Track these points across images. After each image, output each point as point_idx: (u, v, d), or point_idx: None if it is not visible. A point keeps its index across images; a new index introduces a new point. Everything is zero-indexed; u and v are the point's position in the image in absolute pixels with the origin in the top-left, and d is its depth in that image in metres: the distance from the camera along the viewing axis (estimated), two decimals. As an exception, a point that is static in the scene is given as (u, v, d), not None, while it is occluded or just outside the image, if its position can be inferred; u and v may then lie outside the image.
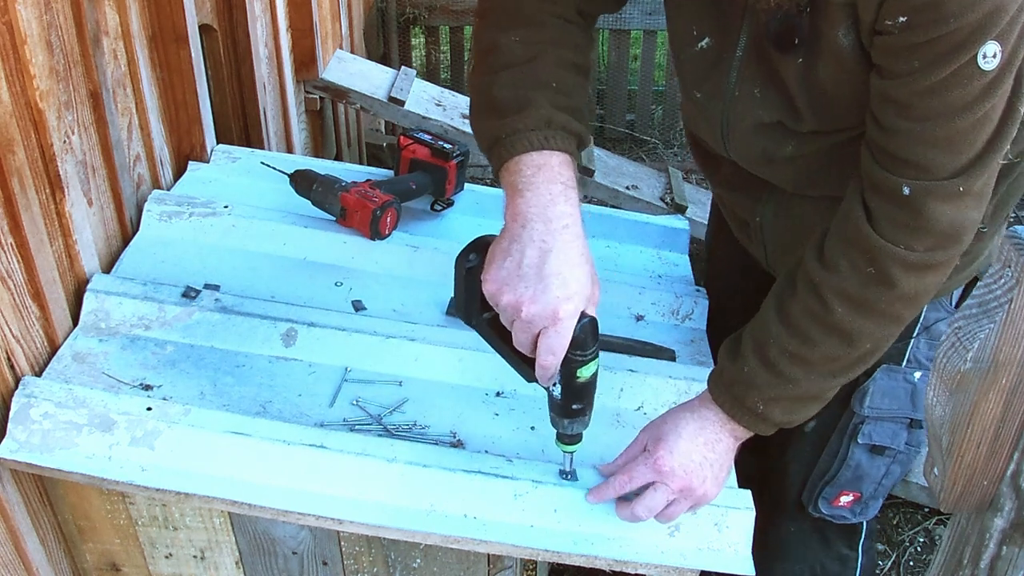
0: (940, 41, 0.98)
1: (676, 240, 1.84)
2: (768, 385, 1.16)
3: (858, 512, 1.47)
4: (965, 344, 0.72)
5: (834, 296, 1.12)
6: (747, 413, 1.18)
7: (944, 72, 1.00)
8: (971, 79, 1.00)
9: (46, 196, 1.33)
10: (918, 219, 1.06)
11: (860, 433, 1.39)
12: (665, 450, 1.16)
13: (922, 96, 1.02)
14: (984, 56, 0.98)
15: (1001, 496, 0.73)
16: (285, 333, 1.43)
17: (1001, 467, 0.72)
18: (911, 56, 1.01)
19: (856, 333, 1.12)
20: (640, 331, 1.58)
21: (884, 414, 1.38)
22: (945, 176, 1.05)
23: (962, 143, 1.04)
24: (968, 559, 0.77)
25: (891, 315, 1.13)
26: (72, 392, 1.25)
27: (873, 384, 1.36)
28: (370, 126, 3.79)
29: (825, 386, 1.18)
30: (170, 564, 1.41)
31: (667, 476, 1.16)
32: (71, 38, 1.37)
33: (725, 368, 1.20)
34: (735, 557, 1.22)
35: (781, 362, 1.15)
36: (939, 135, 1.03)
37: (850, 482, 1.43)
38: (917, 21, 0.99)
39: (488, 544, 1.20)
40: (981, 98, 1.01)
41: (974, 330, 0.72)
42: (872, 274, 1.10)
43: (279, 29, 2.48)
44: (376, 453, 1.23)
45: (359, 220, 1.65)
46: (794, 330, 1.14)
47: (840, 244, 1.12)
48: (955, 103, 1.01)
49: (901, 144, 1.06)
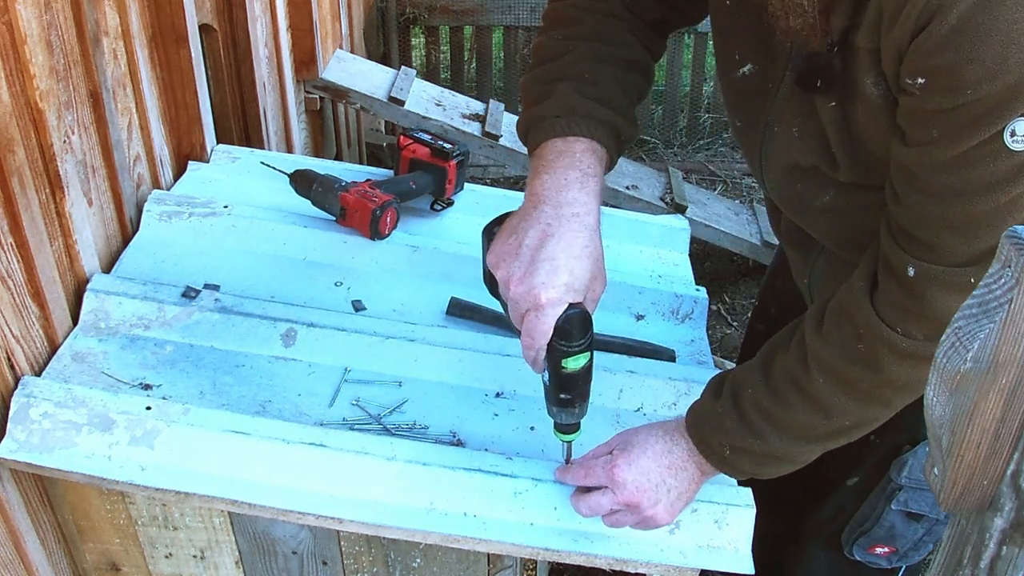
0: (959, 111, 0.91)
1: (676, 240, 1.84)
2: (735, 432, 1.11)
3: (895, 561, 1.43)
4: (965, 344, 0.72)
5: (817, 365, 1.06)
6: (713, 455, 1.14)
7: (964, 146, 0.92)
8: (996, 158, 0.91)
9: (46, 196, 1.33)
10: (918, 305, 0.99)
11: (896, 500, 1.34)
12: (624, 461, 1.14)
13: (939, 170, 0.94)
14: (1013, 134, 0.89)
15: (1001, 496, 0.73)
16: (285, 333, 1.43)
17: (1001, 467, 0.72)
18: (930, 123, 0.94)
19: (834, 408, 1.07)
20: (640, 331, 1.59)
21: (923, 486, 1.32)
22: (956, 263, 0.97)
23: (980, 229, 0.95)
24: (968, 559, 0.77)
25: (876, 398, 1.06)
26: (72, 392, 1.25)
27: (913, 457, 1.31)
28: (370, 126, 3.79)
29: (795, 450, 1.12)
30: (170, 564, 1.41)
31: (618, 486, 1.13)
32: (71, 38, 1.37)
33: (704, 401, 1.17)
34: (735, 555, 1.22)
35: (752, 414, 1.10)
36: (954, 216, 0.95)
37: (884, 539, 1.39)
38: (934, 85, 0.92)
39: (488, 543, 1.20)
40: (1007, 181, 0.92)
41: (974, 330, 0.72)
42: (860, 352, 1.03)
43: (279, 29, 2.48)
44: (376, 451, 1.23)
45: (359, 220, 1.65)
46: (772, 388, 1.10)
47: (837, 312, 1.06)
48: (976, 183, 0.93)
49: (913, 219, 0.99)
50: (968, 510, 0.77)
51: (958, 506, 0.76)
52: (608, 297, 1.63)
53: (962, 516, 0.79)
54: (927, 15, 0.89)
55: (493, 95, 4.17)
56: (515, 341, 1.49)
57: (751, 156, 1.26)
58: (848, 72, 1.03)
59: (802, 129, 1.13)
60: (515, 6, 4.06)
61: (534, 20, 4.11)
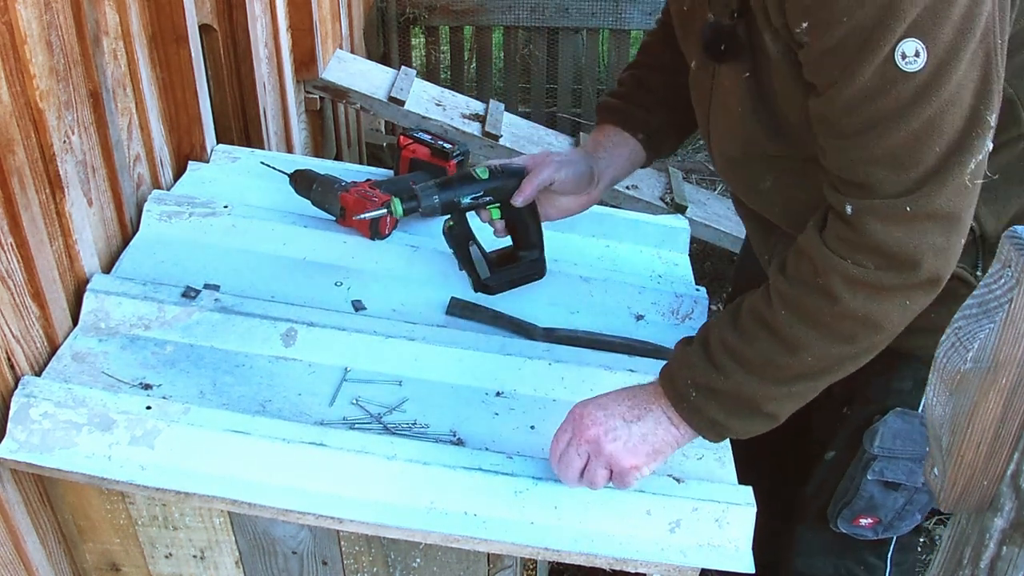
0: (845, 43, 0.94)
1: (676, 240, 1.84)
2: (699, 368, 1.13)
3: (880, 532, 1.44)
4: (965, 344, 0.72)
5: (779, 298, 1.09)
6: (679, 398, 1.14)
7: (861, 78, 0.95)
8: (894, 83, 0.94)
9: (46, 196, 1.33)
10: (861, 237, 1.02)
11: (871, 470, 1.36)
12: (583, 401, 1.19)
13: (850, 110, 0.98)
14: (904, 56, 0.92)
15: (1001, 496, 0.73)
16: (285, 333, 1.43)
17: (1001, 467, 0.72)
18: (827, 65, 0.97)
19: (796, 340, 1.08)
20: (640, 331, 1.58)
21: (897, 454, 1.34)
22: (889, 195, 0.99)
23: (904, 159, 0.97)
24: (968, 559, 0.77)
25: (837, 331, 1.07)
26: (72, 392, 1.25)
27: (884, 426, 1.33)
28: (370, 126, 3.79)
29: (760, 391, 1.11)
30: (170, 564, 1.41)
31: (575, 422, 1.17)
32: (71, 38, 1.37)
33: (675, 348, 1.21)
34: (736, 554, 1.22)
35: (718, 351, 1.12)
36: (874, 150, 0.98)
37: (865, 509, 1.41)
38: (815, 23, 0.95)
39: (488, 543, 1.20)
40: (913, 105, 0.94)
41: (974, 330, 0.72)
42: (818, 284, 1.06)
43: (279, 29, 2.48)
44: (376, 451, 1.23)
45: (359, 220, 1.65)
46: (738, 324, 1.13)
47: (795, 251, 1.10)
48: (884, 113, 0.96)
49: (841, 164, 1.03)
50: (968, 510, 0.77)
51: (958, 506, 0.76)
52: (608, 297, 1.64)
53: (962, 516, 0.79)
54: None
55: (493, 95, 4.17)
56: (515, 341, 1.49)
57: (707, 148, 1.34)
58: (753, 38, 1.09)
59: (731, 115, 1.20)
60: (515, 6, 4.06)
61: (534, 20, 4.11)
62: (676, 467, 1.30)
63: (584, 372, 1.43)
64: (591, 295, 1.64)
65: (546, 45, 4.22)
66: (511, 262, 1.57)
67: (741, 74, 1.14)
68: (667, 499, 1.23)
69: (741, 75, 1.14)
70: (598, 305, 1.63)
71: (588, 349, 1.49)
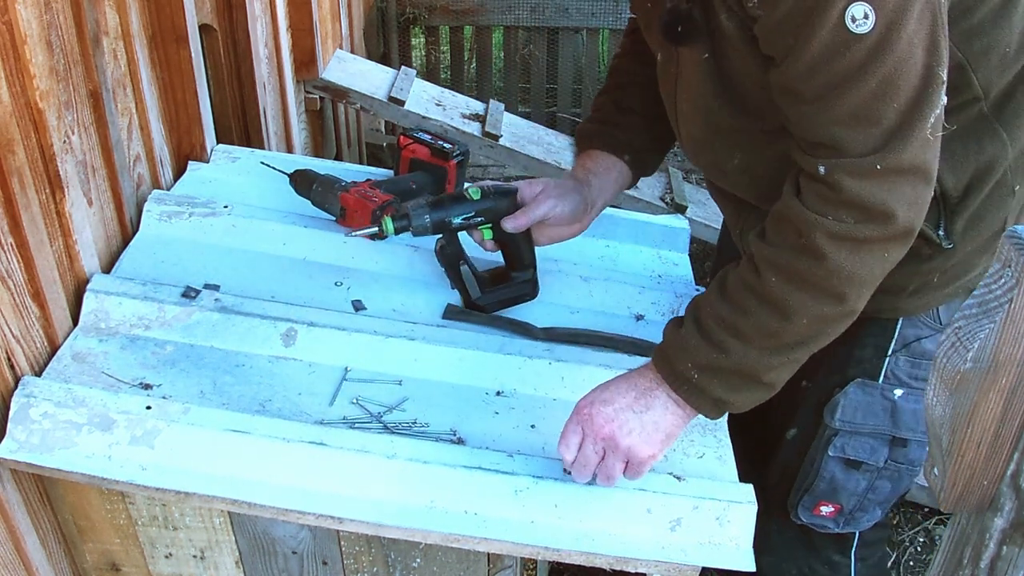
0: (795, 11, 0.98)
1: (676, 240, 1.84)
2: (699, 349, 1.14)
3: (842, 523, 1.45)
4: (965, 344, 0.72)
5: (767, 265, 1.11)
6: (681, 381, 1.16)
7: (815, 43, 0.99)
8: (847, 47, 0.98)
9: (46, 196, 1.33)
10: (837, 194, 1.05)
11: (832, 445, 1.37)
12: (588, 397, 1.19)
13: (807, 75, 1.02)
14: (853, 19, 0.96)
15: (1001, 496, 0.73)
16: (285, 333, 1.43)
17: (1001, 467, 0.72)
18: (781, 34, 1.02)
19: (789, 305, 1.10)
20: (640, 331, 1.58)
21: (859, 429, 1.36)
22: (858, 153, 1.03)
23: (866, 118, 1.02)
24: (968, 559, 0.77)
25: (827, 290, 1.09)
26: (72, 392, 1.25)
27: (844, 398, 1.34)
28: (370, 126, 3.79)
29: (762, 362, 1.13)
30: (170, 564, 1.41)
31: (586, 421, 1.17)
32: (71, 38, 1.37)
33: (666, 332, 1.21)
34: (736, 552, 1.22)
35: (713, 327, 1.14)
36: (838, 113, 1.02)
37: (826, 493, 1.41)
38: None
39: (488, 542, 1.20)
40: (867, 65, 0.99)
41: (974, 330, 0.72)
42: (803, 245, 1.08)
43: (279, 29, 2.48)
44: (376, 450, 1.23)
45: (359, 220, 1.64)
46: (729, 298, 1.14)
47: (774, 219, 1.12)
48: (840, 75, 1.00)
49: (807, 128, 1.06)
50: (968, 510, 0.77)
51: (958, 506, 0.76)
52: (608, 297, 1.64)
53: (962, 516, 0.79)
54: None
55: (493, 95, 4.17)
56: (515, 340, 1.49)
57: (677, 137, 1.37)
58: (709, 18, 1.12)
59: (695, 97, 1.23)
60: (515, 6, 4.06)
61: (534, 20, 4.11)
62: (677, 465, 1.30)
63: (584, 371, 1.43)
64: (591, 295, 1.64)
65: (546, 45, 4.22)
66: (503, 281, 1.56)
67: (701, 55, 1.16)
68: (668, 497, 1.23)
69: (701, 56, 1.16)
70: (598, 305, 1.63)
71: (587, 347, 1.49)
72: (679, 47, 1.20)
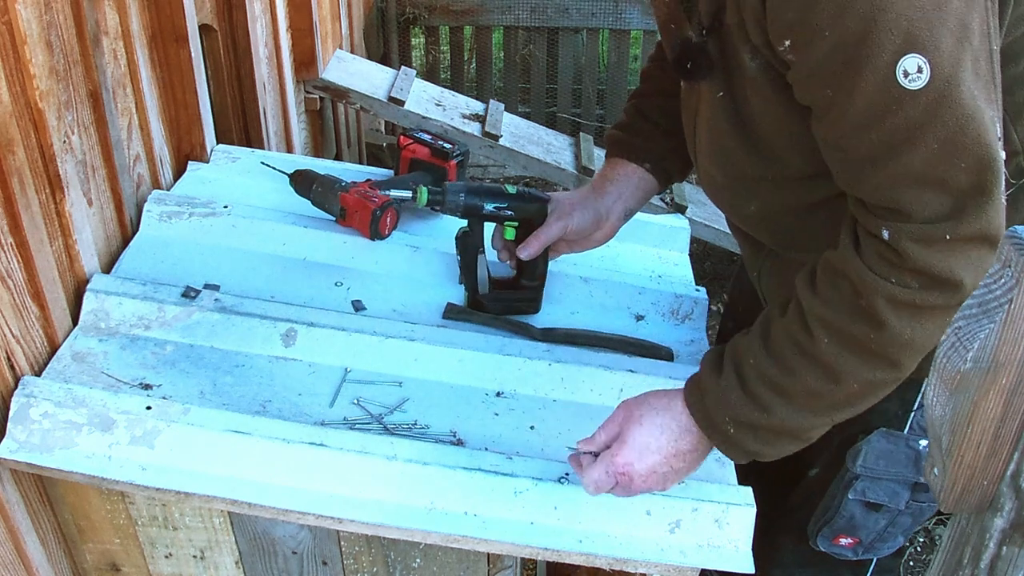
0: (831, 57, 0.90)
1: (676, 240, 1.84)
2: (740, 406, 1.08)
3: (860, 552, 1.42)
4: (965, 344, 0.72)
5: (819, 325, 1.03)
6: (717, 433, 1.11)
7: (860, 97, 0.91)
8: (900, 104, 0.89)
9: (46, 196, 1.33)
10: (902, 259, 0.97)
11: (853, 489, 1.33)
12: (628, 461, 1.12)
13: (855, 133, 0.94)
14: (906, 74, 0.88)
15: (1001, 496, 0.73)
16: (285, 333, 1.43)
17: (1001, 467, 0.72)
18: (818, 84, 0.94)
19: (840, 369, 1.03)
20: (640, 331, 1.59)
21: (880, 475, 1.32)
22: (926, 219, 0.94)
23: (930, 181, 0.93)
24: (968, 559, 0.77)
25: (883, 357, 1.02)
26: (72, 392, 1.25)
27: (868, 445, 1.30)
28: (370, 126, 3.79)
29: (804, 423, 1.08)
30: (170, 564, 1.41)
31: (627, 482, 1.13)
32: (71, 38, 1.37)
33: (705, 376, 1.13)
34: (735, 554, 1.22)
35: (757, 386, 1.07)
36: (897, 174, 0.93)
37: (845, 529, 1.38)
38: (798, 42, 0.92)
39: (488, 543, 1.20)
40: (926, 125, 0.90)
41: (974, 330, 0.72)
42: (862, 308, 1.00)
43: (279, 29, 2.48)
44: (376, 451, 1.23)
45: (359, 220, 1.65)
46: (776, 356, 1.06)
47: (830, 271, 1.04)
48: (896, 133, 0.91)
49: (864, 189, 0.98)
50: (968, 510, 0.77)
51: (958, 506, 0.76)
52: (608, 297, 1.64)
53: (962, 516, 0.79)
54: None
55: (493, 95, 4.17)
56: (515, 341, 1.49)
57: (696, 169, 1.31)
58: (727, 54, 1.05)
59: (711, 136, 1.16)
60: (515, 6, 4.06)
61: (534, 20, 4.11)
62: (676, 467, 1.30)
63: (584, 372, 1.43)
64: (591, 295, 1.64)
65: (546, 45, 4.22)
66: (510, 288, 1.56)
67: (715, 93, 1.10)
68: (667, 499, 1.23)
69: (715, 94, 1.10)
70: (598, 305, 1.63)
71: (587, 348, 1.49)
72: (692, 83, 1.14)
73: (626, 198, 1.45)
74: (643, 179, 1.45)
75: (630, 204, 1.46)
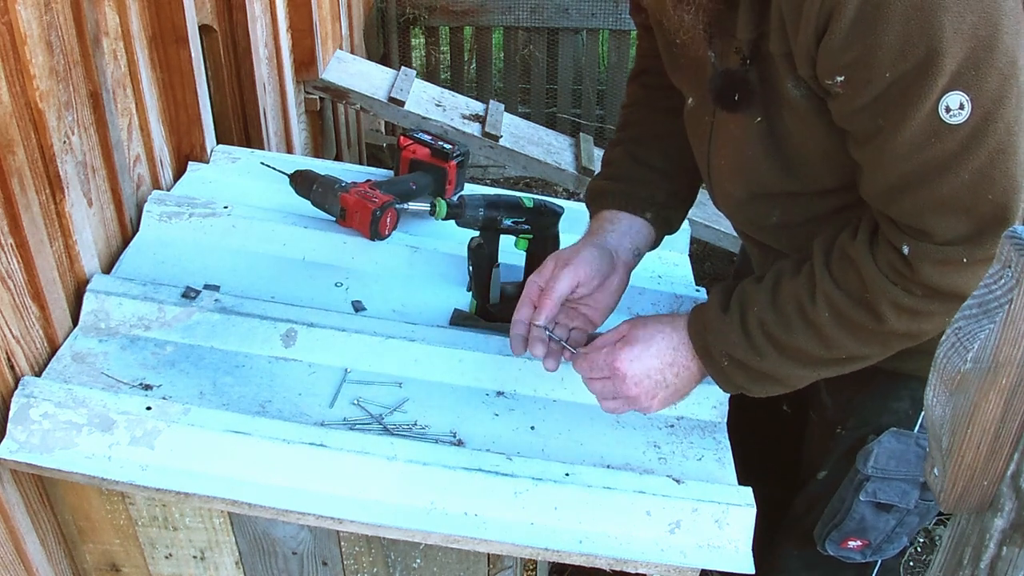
0: (887, 95, 0.93)
1: (676, 240, 1.83)
2: (738, 346, 1.15)
3: (868, 555, 1.43)
4: (965, 344, 0.72)
5: (824, 299, 1.09)
6: (711, 363, 1.19)
7: (906, 130, 0.94)
8: (940, 137, 0.93)
9: (46, 196, 1.33)
10: (914, 274, 1.02)
11: (864, 490, 1.34)
12: (627, 356, 1.19)
13: (897, 160, 0.97)
14: (948, 109, 0.91)
15: (1001, 496, 0.73)
16: (285, 333, 1.43)
17: (1001, 467, 0.72)
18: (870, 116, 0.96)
19: (834, 341, 1.10)
20: (640, 331, 1.58)
21: (891, 475, 1.33)
22: (945, 241, 0.99)
23: (956, 207, 0.96)
24: (968, 559, 0.77)
25: (876, 341, 1.09)
26: (72, 392, 1.25)
27: (879, 446, 1.31)
28: (370, 126, 3.79)
29: (790, 372, 1.16)
30: (170, 564, 1.41)
31: (618, 379, 1.19)
32: (71, 38, 1.37)
33: (710, 309, 1.19)
34: (736, 554, 1.22)
35: (756, 332, 1.14)
36: (927, 200, 0.97)
37: (855, 531, 1.39)
38: (854, 80, 0.94)
39: (488, 543, 1.20)
40: (960, 157, 0.93)
41: (974, 330, 0.72)
42: (866, 300, 1.06)
43: (279, 29, 2.49)
44: (376, 451, 1.23)
45: (359, 220, 1.65)
46: (778, 309, 1.13)
47: (843, 256, 1.08)
48: (932, 165, 0.95)
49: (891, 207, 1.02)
50: (968, 511, 0.77)
51: (958, 506, 0.76)
52: (608, 297, 1.64)
53: (962, 516, 0.79)
54: (825, 15, 0.93)
55: (493, 95, 4.17)
56: (515, 341, 1.49)
57: (707, 185, 1.32)
58: (768, 82, 1.07)
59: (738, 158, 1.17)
60: (515, 6, 4.07)
61: (534, 20, 4.11)
62: (676, 468, 1.31)
63: (584, 372, 1.43)
64: (591, 295, 1.64)
65: (546, 45, 4.22)
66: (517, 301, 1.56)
67: (753, 119, 1.10)
68: (667, 500, 1.23)
69: (753, 120, 1.10)
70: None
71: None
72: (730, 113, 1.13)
73: (632, 236, 1.34)
74: (641, 231, 1.36)
75: (637, 242, 1.35)
